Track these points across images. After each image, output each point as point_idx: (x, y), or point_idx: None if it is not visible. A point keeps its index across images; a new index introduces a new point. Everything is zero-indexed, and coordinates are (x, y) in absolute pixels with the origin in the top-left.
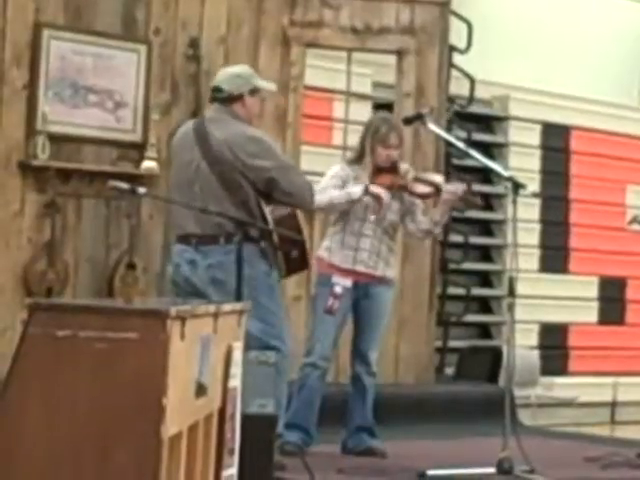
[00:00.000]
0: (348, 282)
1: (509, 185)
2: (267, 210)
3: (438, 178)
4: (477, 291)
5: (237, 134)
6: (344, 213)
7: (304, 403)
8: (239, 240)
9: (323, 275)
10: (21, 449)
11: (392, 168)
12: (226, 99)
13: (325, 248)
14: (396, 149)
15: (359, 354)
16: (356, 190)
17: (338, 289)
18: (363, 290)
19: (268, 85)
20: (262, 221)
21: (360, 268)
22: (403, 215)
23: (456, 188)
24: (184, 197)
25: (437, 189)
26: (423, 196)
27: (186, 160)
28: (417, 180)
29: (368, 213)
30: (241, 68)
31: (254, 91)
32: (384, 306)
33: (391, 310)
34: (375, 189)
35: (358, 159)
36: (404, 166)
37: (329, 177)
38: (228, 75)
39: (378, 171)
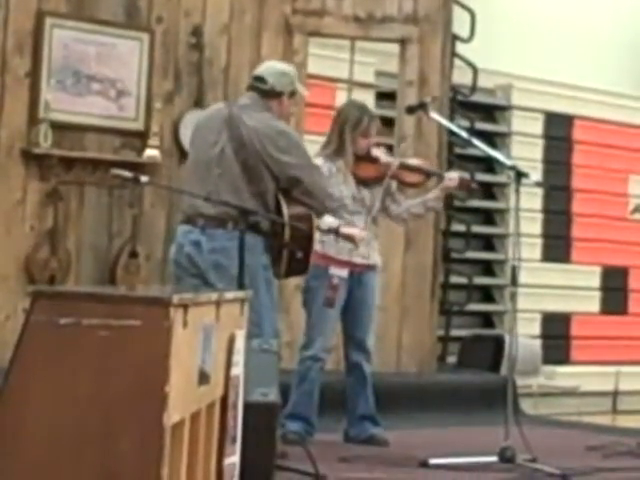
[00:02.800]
0: (344, 272)
1: (512, 174)
2: (285, 207)
3: (423, 163)
4: (479, 280)
5: (268, 126)
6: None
7: (305, 394)
8: (242, 228)
9: (318, 267)
10: (24, 437)
11: (369, 156)
12: (266, 92)
13: (317, 240)
14: (373, 137)
15: (356, 342)
16: (328, 222)
17: (336, 280)
18: (357, 279)
19: (303, 91)
20: (277, 215)
21: (357, 259)
22: (383, 198)
23: (455, 175)
24: (199, 177)
25: (427, 175)
26: (415, 185)
27: (210, 141)
28: (404, 167)
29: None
30: (287, 67)
31: (293, 93)
32: (375, 292)
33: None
34: (346, 231)
35: (337, 151)
36: (383, 154)
37: None
38: (274, 69)
39: (357, 160)
